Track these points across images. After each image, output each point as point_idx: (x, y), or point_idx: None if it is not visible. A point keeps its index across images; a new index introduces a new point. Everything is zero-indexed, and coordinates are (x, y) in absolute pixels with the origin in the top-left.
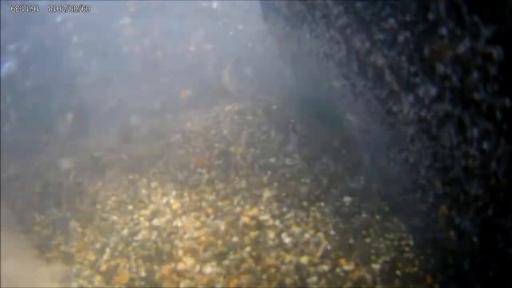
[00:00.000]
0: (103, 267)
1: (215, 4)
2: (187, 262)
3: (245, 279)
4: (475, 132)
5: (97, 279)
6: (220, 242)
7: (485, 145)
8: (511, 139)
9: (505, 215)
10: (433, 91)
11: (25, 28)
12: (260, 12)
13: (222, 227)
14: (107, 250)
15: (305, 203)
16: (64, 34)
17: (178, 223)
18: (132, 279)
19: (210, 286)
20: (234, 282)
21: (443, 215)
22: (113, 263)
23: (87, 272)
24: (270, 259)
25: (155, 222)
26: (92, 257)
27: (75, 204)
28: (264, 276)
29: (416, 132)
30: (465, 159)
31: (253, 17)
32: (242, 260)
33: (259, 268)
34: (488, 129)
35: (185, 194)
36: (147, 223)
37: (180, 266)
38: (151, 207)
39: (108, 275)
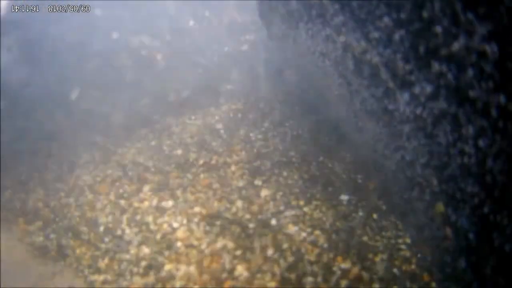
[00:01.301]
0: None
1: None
2: (182, 264)
3: (240, 280)
4: (470, 129)
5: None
6: (215, 244)
7: (481, 143)
8: (507, 136)
9: (501, 212)
10: (428, 89)
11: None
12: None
13: (218, 228)
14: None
15: (302, 202)
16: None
17: (173, 224)
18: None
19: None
20: (228, 283)
21: (440, 213)
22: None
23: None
24: (266, 259)
25: (149, 224)
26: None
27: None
28: (260, 276)
29: (412, 130)
30: (461, 156)
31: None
32: (238, 260)
33: (254, 269)
34: (483, 126)
35: (180, 194)
36: (136, 229)
37: (175, 269)
38: (144, 208)
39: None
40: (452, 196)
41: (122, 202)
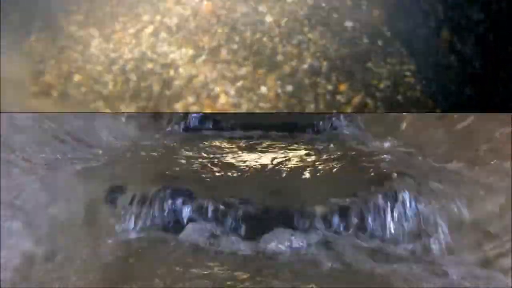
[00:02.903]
0: None
1: None
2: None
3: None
4: None
5: None
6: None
7: None
8: None
9: (507, 41)
10: None
11: None
12: None
13: (221, 57)
14: None
15: (306, 28)
16: None
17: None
18: None
19: None
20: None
21: (445, 40)
22: None
23: None
24: (269, 89)
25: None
26: None
27: None
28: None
29: None
30: None
31: None
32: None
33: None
34: None
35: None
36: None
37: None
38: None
39: None
40: (457, 24)
41: None
